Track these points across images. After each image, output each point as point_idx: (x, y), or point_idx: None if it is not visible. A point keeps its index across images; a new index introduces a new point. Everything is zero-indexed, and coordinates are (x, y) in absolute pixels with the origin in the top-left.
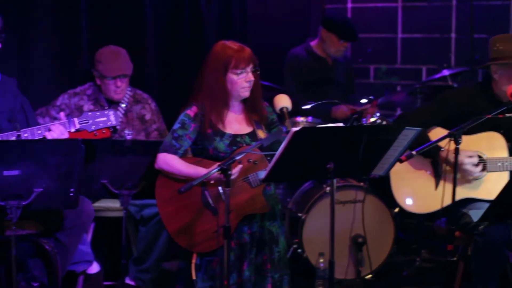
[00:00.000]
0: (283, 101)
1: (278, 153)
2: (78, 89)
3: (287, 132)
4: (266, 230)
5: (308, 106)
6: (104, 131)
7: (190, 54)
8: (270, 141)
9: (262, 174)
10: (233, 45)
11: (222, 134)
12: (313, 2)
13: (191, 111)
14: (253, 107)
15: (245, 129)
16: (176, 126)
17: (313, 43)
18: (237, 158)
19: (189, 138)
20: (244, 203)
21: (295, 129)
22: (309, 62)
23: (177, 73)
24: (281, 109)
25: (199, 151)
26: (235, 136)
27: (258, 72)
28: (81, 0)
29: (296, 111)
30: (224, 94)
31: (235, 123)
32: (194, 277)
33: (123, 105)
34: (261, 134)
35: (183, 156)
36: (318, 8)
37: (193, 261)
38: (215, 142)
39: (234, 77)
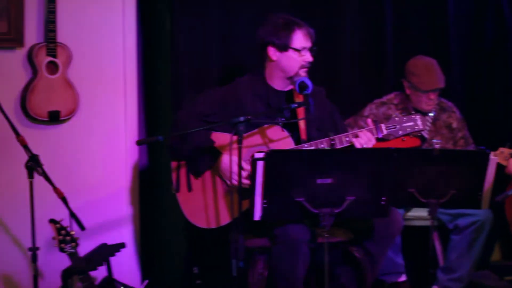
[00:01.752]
0: None
1: None
2: (384, 99)
3: None
4: None
5: None
6: (412, 135)
7: (494, 62)
8: None
9: None
10: None
11: None
12: None
13: None
14: None
15: None
16: None
17: None
18: None
19: None
20: None
21: None
22: None
23: (480, 82)
24: None
25: None
26: None
27: None
28: (386, 13)
29: None
30: None
31: None
32: None
33: (431, 114)
34: None
35: None
36: None
37: None
38: None
39: None
